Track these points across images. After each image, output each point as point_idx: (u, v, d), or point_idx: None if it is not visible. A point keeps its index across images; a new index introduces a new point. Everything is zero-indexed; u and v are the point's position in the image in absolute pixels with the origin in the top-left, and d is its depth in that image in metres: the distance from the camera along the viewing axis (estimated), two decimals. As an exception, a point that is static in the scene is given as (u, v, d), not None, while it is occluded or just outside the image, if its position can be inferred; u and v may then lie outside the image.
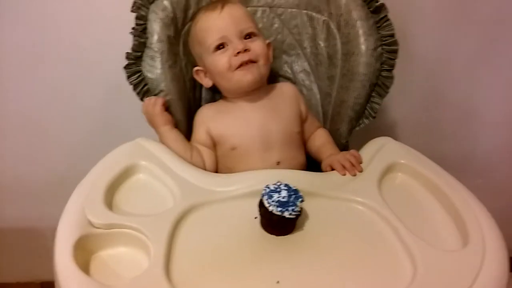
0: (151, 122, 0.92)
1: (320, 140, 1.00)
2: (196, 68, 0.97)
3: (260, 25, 1.03)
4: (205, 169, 0.91)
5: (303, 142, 0.99)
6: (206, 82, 0.97)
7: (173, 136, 0.91)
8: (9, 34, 1.13)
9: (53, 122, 1.26)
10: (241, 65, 0.89)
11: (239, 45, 0.89)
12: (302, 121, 0.99)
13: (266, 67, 0.93)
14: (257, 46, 0.90)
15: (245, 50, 0.88)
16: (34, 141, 1.28)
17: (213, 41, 0.90)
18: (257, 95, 0.94)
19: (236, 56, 0.88)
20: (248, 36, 0.91)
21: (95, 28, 1.14)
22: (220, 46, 0.90)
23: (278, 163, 0.91)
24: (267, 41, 0.97)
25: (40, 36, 1.14)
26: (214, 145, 0.94)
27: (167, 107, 0.92)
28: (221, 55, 0.90)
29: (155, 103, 0.90)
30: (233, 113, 0.94)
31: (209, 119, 0.95)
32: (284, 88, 0.99)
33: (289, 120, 0.95)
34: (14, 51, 1.16)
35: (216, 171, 0.94)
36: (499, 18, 1.26)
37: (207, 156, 0.93)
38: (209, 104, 1.02)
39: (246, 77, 0.89)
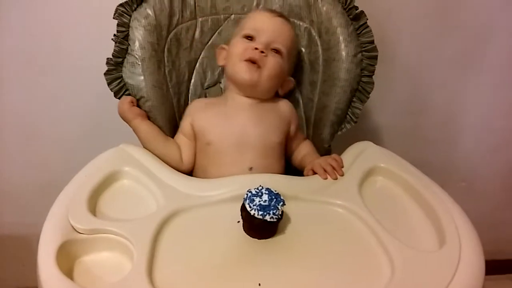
0: (125, 120, 0.92)
1: (304, 151, 1.01)
2: (222, 45, 1.01)
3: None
4: (181, 160, 0.93)
5: (284, 154, 0.99)
6: (220, 60, 1.00)
7: (144, 128, 0.91)
8: (3, 40, 1.14)
9: (45, 127, 1.26)
10: (248, 60, 0.91)
11: (261, 45, 0.92)
12: (290, 138, 1.00)
13: (268, 80, 0.93)
14: (272, 60, 0.93)
15: (262, 52, 0.91)
16: (25, 147, 1.28)
17: (247, 28, 0.95)
18: (251, 100, 0.95)
19: (252, 50, 0.91)
20: (276, 50, 0.94)
21: (88, 34, 1.15)
22: (249, 37, 0.94)
23: (250, 168, 0.90)
24: (291, 79, 1.01)
25: (34, 42, 1.15)
26: (195, 138, 0.95)
27: (137, 103, 0.92)
28: (243, 42, 0.93)
29: (122, 102, 0.91)
30: (218, 110, 0.95)
31: (196, 111, 0.96)
32: (280, 103, 1.00)
33: (271, 129, 0.94)
34: (8, 57, 1.16)
35: (193, 166, 0.95)
36: (480, 25, 1.29)
37: (186, 147, 0.95)
38: (203, 98, 1.04)
39: (244, 73, 0.91)
